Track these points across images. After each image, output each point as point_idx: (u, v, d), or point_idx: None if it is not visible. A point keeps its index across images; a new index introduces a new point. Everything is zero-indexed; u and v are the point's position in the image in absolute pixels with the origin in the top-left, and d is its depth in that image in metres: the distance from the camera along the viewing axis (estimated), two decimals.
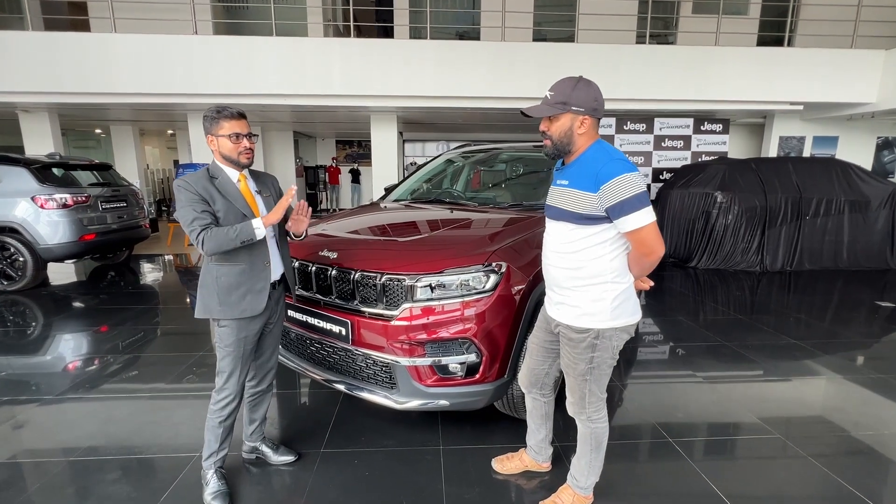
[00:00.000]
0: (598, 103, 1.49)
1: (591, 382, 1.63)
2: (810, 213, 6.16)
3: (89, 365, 3.19)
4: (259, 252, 1.77)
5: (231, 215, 1.72)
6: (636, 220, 1.42)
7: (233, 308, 1.74)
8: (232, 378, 1.80)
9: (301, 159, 13.14)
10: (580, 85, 1.48)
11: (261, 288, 1.77)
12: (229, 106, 1.73)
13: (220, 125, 1.70)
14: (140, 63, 6.82)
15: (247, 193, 1.79)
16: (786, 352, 3.49)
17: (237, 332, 1.76)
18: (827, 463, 2.13)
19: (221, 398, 1.81)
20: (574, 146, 1.53)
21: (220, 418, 1.82)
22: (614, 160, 1.45)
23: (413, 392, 1.99)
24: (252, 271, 1.76)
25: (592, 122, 1.51)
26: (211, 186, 1.71)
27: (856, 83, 7.62)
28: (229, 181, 1.76)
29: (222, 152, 1.73)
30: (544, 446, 2.01)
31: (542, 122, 1.55)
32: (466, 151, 3.73)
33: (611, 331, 1.56)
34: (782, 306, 4.72)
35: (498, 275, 2.00)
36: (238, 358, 1.79)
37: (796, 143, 9.22)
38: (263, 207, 1.84)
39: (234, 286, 1.73)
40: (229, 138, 1.70)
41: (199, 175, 1.73)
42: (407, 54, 7.07)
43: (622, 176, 1.41)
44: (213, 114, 1.70)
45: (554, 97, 1.50)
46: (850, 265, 6.20)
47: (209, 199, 1.68)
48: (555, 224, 1.62)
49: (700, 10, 9.26)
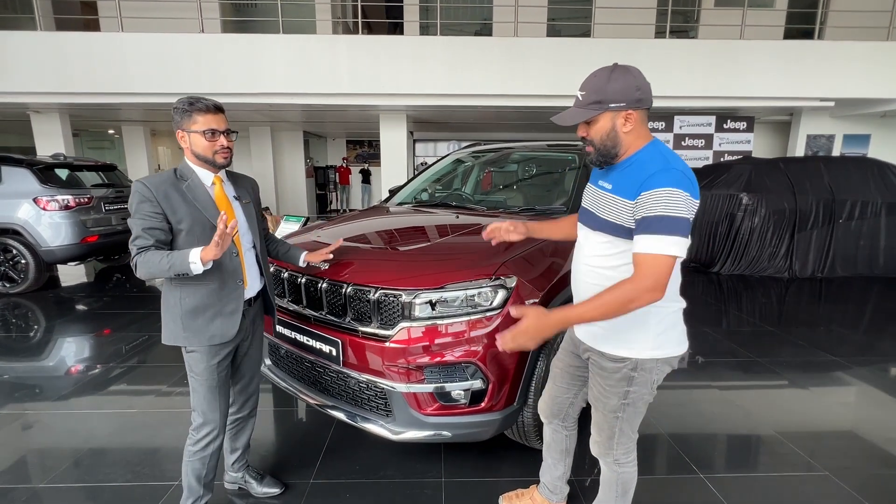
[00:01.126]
0: (641, 92, 1.23)
1: (623, 421, 1.39)
2: (844, 217, 5.78)
3: (92, 369, 3.05)
4: (232, 269, 1.54)
5: (198, 227, 1.48)
6: (656, 243, 1.14)
7: (199, 334, 1.51)
8: (211, 412, 1.58)
9: (311, 159, 13.05)
10: (615, 74, 1.22)
11: (232, 310, 1.54)
12: (203, 97, 1.50)
13: (192, 119, 1.47)
14: (148, 62, 6.75)
15: (222, 200, 1.55)
16: (822, 368, 3.19)
17: (207, 359, 1.54)
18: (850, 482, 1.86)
19: (202, 436, 1.59)
20: (622, 148, 1.27)
21: (203, 458, 1.60)
22: (669, 169, 1.18)
23: (411, 421, 1.77)
24: (222, 291, 1.52)
25: (639, 115, 1.25)
26: (175, 192, 1.47)
27: (891, 78, 7.18)
28: (201, 185, 1.52)
29: (195, 151, 1.50)
30: (560, 484, 1.77)
31: (580, 127, 1.30)
32: (476, 151, 3.50)
33: (651, 362, 1.32)
34: (817, 316, 4.38)
35: (507, 290, 1.77)
36: (213, 388, 1.57)
37: (825, 141, 8.76)
38: (242, 216, 1.61)
39: (201, 309, 1.50)
40: (203, 135, 1.48)
41: (163, 177, 1.49)
42: (417, 51, 6.87)
43: (668, 189, 1.14)
44: (185, 106, 1.47)
45: (587, 97, 1.25)
46: (887, 272, 5.80)
47: (168, 209, 1.44)
48: (589, 233, 1.38)
49: (723, 3, 8.86)
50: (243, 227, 1.61)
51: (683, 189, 1.15)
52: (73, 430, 2.38)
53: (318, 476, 2.01)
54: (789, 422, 2.50)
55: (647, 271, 1.15)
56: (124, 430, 2.38)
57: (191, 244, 1.44)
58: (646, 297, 1.16)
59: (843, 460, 2.15)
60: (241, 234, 1.59)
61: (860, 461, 2.16)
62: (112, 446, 2.24)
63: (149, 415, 2.53)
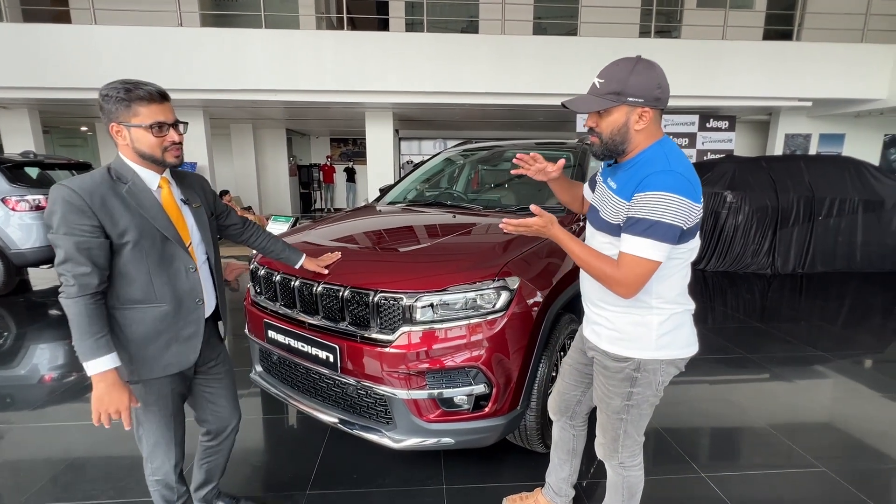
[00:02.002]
0: (661, 91, 1.19)
1: (628, 423, 1.36)
2: (823, 214, 5.93)
3: (68, 377, 2.90)
4: (189, 287, 1.31)
5: (147, 240, 1.23)
6: (636, 245, 1.14)
7: (151, 365, 1.28)
8: (158, 449, 1.37)
9: (294, 158, 12.81)
10: (639, 68, 1.18)
11: (191, 334, 1.33)
12: (143, 83, 1.22)
13: (132, 111, 1.19)
14: (124, 56, 6.51)
15: (170, 206, 1.30)
16: (806, 362, 3.24)
17: (159, 389, 1.32)
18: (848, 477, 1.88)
19: (156, 467, 1.41)
20: (629, 145, 1.23)
21: (168, 484, 1.43)
22: (668, 171, 1.14)
23: (412, 429, 1.71)
24: (179, 313, 1.30)
25: (654, 114, 1.21)
26: (113, 198, 1.19)
27: (866, 79, 7.42)
28: (145, 189, 1.26)
29: (139, 149, 1.23)
30: (565, 487, 1.74)
31: (590, 116, 1.26)
32: (468, 149, 3.45)
33: (655, 363, 1.29)
34: (799, 312, 4.48)
35: (510, 291, 1.73)
36: (168, 417, 1.35)
37: (802, 140, 9.00)
38: (194, 223, 1.37)
39: (152, 336, 1.27)
40: (150, 130, 1.21)
41: (96, 179, 1.20)
42: (403, 48, 6.79)
43: (661, 193, 1.11)
44: (121, 93, 1.18)
45: (605, 85, 1.19)
46: (863, 267, 5.97)
47: (107, 220, 1.17)
48: (595, 232, 1.34)
49: (705, 4, 9.00)
50: (195, 237, 1.37)
51: (679, 193, 1.12)
52: (50, 442, 2.25)
53: (315, 487, 1.94)
54: (781, 416, 2.53)
55: (625, 269, 1.17)
56: (106, 441, 2.25)
57: (138, 261, 1.23)
58: (615, 288, 1.20)
59: (836, 455, 2.17)
60: (195, 246, 1.36)
61: (852, 455, 2.19)
62: (93, 460, 2.12)
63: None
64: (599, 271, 1.21)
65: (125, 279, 1.24)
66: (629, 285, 1.17)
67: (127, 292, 1.25)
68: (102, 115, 1.23)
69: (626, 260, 1.16)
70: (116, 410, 1.18)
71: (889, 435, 2.37)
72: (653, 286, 1.23)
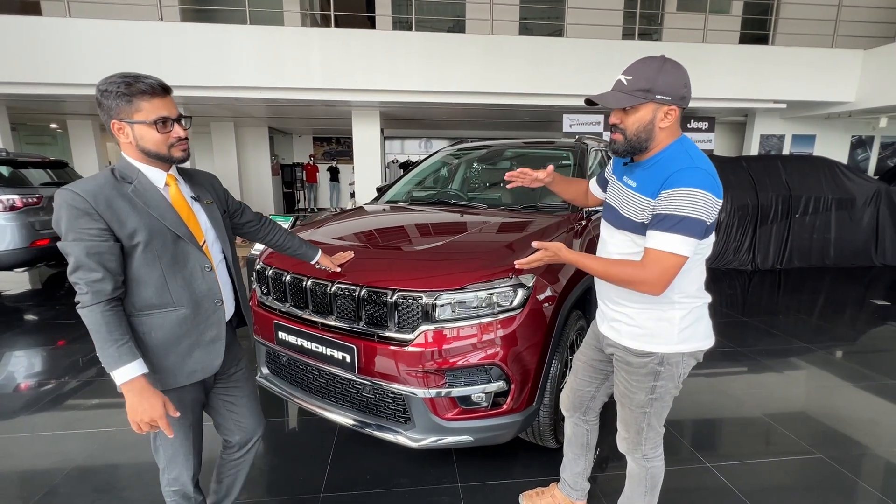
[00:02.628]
0: (687, 90, 1.23)
1: (651, 416, 1.39)
2: (799, 212, 6.17)
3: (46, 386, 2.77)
4: (206, 288, 1.26)
5: (158, 240, 1.18)
6: (665, 241, 1.16)
7: (176, 373, 1.24)
8: (177, 460, 1.33)
9: (276, 157, 12.58)
10: (667, 67, 1.21)
11: (213, 337, 1.28)
12: (144, 75, 1.16)
13: (135, 106, 1.14)
14: (102, 51, 6.26)
15: (180, 203, 1.25)
16: (791, 353, 3.37)
17: (179, 398, 1.26)
18: (837, 457, 1.97)
19: (169, 481, 1.37)
20: (653, 142, 1.26)
21: (185, 493, 1.39)
22: (693, 168, 1.18)
23: (431, 427, 1.71)
24: (198, 316, 1.25)
25: (678, 113, 1.24)
26: (119, 199, 1.14)
27: (835, 82, 7.73)
28: (151, 187, 1.20)
29: (143, 146, 1.18)
30: (581, 481, 1.76)
31: (614, 113, 1.28)
32: (467, 148, 3.45)
33: (677, 356, 1.32)
34: (780, 305, 4.65)
35: (527, 289, 1.74)
36: (189, 427, 1.32)
37: (776, 141, 9.34)
38: (207, 221, 1.32)
39: (173, 341, 1.22)
40: (154, 126, 1.16)
41: (99, 181, 1.15)
42: (391, 46, 6.74)
43: (688, 189, 1.14)
44: (121, 88, 1.12)
45: (633, 82, 1.22)
46: (836, 262, 6.24)
47: (115, 222, 1.12)
48: (613, 231, 1.36)
49: (684, 8, 9.25)
50: (210, 235, 1.33)
51: (705, 189, 1.15)
52: (45, 452, 2.15)
53: (328, 490, 1.91)
54: (775, 406, 2.62)
55: (653, 266, 1.18)
56: (103, 450, 2.17)
57: (151, 263, 1.18)
58: (642, 288, 1.21)
59: (829, 441, 2.27)
60: (209, 244, 1.31)
61: (843, 441, 2.29)
62: (93, 468, 2.04)
63: (127, 432, 2.33)
64: (625, 276, 1.22)
65: (139, 283, 1.19)
66: (659, 283, 1.18)
67: (142, 297, 1.19)
68: (101, 111, 1.16)
69: (655, 256, 1.18)
70: (152, 419, 1.13)
71: (875, 421, 2.48)
72: (675, 281, 1.26)
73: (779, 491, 1.94)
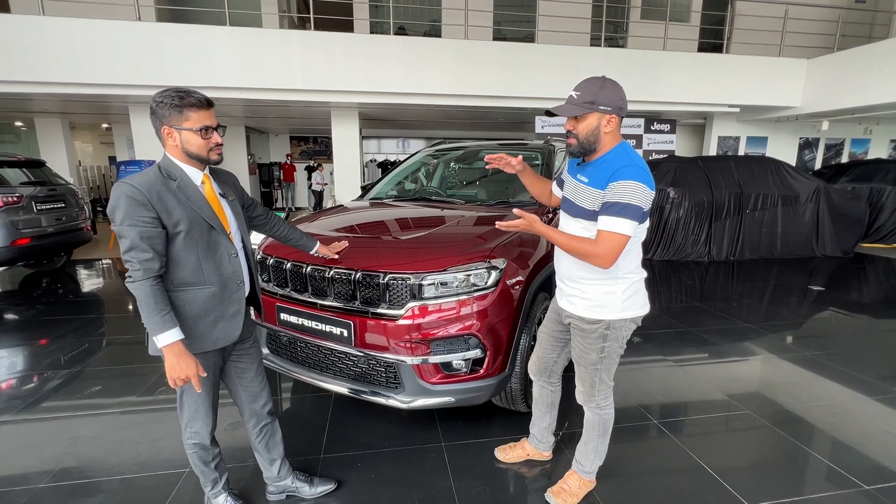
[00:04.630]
0: (623, 102, 1.54)
1: (602, 371, 1.71)
2: (750, 208, 6.71)
3: (37, 381, 2.90)
4: (231, 271, 1.51)
5: (197, 230, 1.41)
6: (613, 223, 1.45)
7: (203, 340, 1.47)
8: (198, 415, 1.57)
9: (253, 156, 12.57)
10: (607, 84, 1.52)
11: (234, 312, 1.53)
12: (193, 91, 1.40)
13: (184, 116, 1.37)
14: (75, 50, 6.24)
15: (213, 198, 1.49)
16: (741, 334, 3.80)
17: (205, 362, 1.49)
18: (792, 432, 2.36)
19: (195, 431, 1.60)
20: (600, 144, 1.57)
21: (203, 444, 1.63)
22: (633, 166, 1.49)
23: (419, 391, 1.98)
24: (224, 294, 1.49)
25: (618, 121, 1.56)
26: (167, 192, 1.37)
27: (783, 88, 8.39)
28: (191, 184, 1.44)
29: (188, 149, 1.41)
30: (547, 435, 2.08)
31: (568, 121, 1.58)
32: (445, 149, 3.74)
33: (621, 321, 1.64)
34: (733, 293, 5.13)
35: (499, 271, 2.04)
36: (206, 388, 1.54)
37: (732, 142, 10.01)
38: (231, 214, 1.56)
39: (202, 314, 1.46)
40: (199, 133, 1.40)
41: (150, 177, 1.37)
42: (371, 49, 6.96)
43: (630, 182, 1.45)
44: (175, 100, 1.36)
45: (581, 96, 1.53)
46: (783, 254, 6.82)
47: (163, 212, 1.35)
48: (569, 219, 1.67)
49: (648, 16, 9.79)
50: (233, 226, 1.55)
51: (643, 182, 1.47)
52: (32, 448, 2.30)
53: (328, 451, 2.16)
54: (724, 375, 3.00)
55: (603, 244, 1.48)
56: (106, 433, 2.35)
57: (190, 248, 1.41)
58: (595, 261, 1.51)
59: (784, 415, 2.55)
60: (233, 234, 1.53)
61: (779, 405, 2.67)
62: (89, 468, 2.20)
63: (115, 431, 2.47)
64: (582, 250, 1.52)
65: (179, 264, 1.43)
66: (608, 257, 1.48)
67: (180, 276, 1.43)
68: (154, 118, 1.40)
69: (604, 236, 1.48)
70: (186, 376, 1.37)
71: (796, 384, 2.90)
72: (619, 260, 1.57)
73: (724, 447, 2.30)
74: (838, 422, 2.48)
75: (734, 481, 1.99)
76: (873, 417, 2.53)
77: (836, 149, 10.73)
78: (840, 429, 2.42)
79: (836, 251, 6.92)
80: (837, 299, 4.89)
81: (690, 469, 2.09)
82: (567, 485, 1.87)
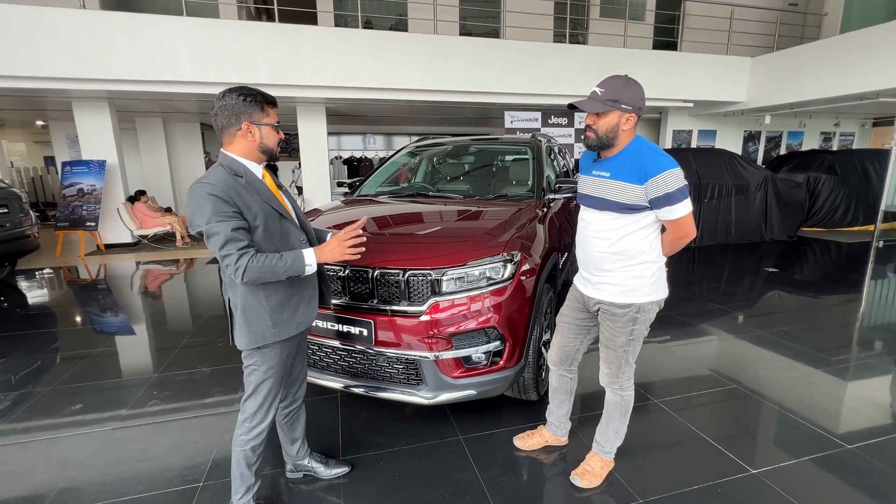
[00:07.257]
0: (643, 102, 1.61)
1: (629, 353, 1.79)
2: (707, 197, 7.16)
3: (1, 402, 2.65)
4: None
5: (271, 221, 1.47)
6: (679, 210, 1.58)
7: (288, 325, 1.54)
8: (262, 410, 1.59)
9: (209, 154, 11.94)
10: (630, 84, 1.59)
11: (310, 295, 1.61)
12: (262, 91, 1.47)
13: (265, 112, 1.45)
14: (12, 40, 5.67)
15: (275, 190, 1.56)
16: (713, 314, 4.07)
17: (281, 352, 1.56)
18: (776, 401, 2.57)
19: (255, 424, 1.60)
20: (618, 140, 1.64)
21: (255, 446, 1.61)
22: (659, 156, 1.58)
23: (441, 385, 1.99)
24: (300, 279, 1.55)
25: (636, 120, 1.63)
26: (241, 189, 1.42)
27: (730, 85, 8.95)
28: (257, 179, 1.49)
29: (266, 143, 1.47)
30: (564, 422, 2.14)
31: (589, 116, 1.64)
32: (434, 143, 3.73)
33: (649, 304, 1.72)
34: (695, 276, 5.46)
35: (514, 263, 2.07)
36: (280, 380, 1.60)
37: (686, 135, 10.58)
38: (290, 203, 1.63)
39: (285, 301, 1.53)
40: (274, 128, 1.48)
41: (221, 176, 1.40)
42: (338, 43, 6.78)
43: (669, 171, 1.55)
44: (256, 97, 1.43)
45: (605, 94, 1.58)
46: (736, 239, 7.33)
47: (244, 207, 1.40)
48: (595, 213, 1.73)
49: (606, 14, 10.14)
50: (294, 213, 1.62)
51: (676, 166, 1.57)
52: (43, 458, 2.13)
53: (346, 453, 2.13)
54: (713, 361, 3.20)
55: (685, 226, 1.63)
56: (100, 452, 2.20)
57: (266, 240, 1.45)
58: (692, 236, 1.68)
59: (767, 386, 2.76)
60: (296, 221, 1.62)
61: (751, 372, 2.90)
62: (89, 491, 2.07)
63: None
64: (681, 243, 1.70)
65: None
66: (692, 233, 1.66)
67: None
68: (229, 115, 1.42)
69: (682, 221, 1.61)
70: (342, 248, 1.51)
71: (748, 358, 3.15)
72: (646, 244, 1.65)
73: (719, 419, 2.47)
74: (814, 391, 2.72)
75: (736, 450, 2.14)
76: (845, 385, 2.80)
77: (775, 141, 11.61)
78: (815, 396, 2.66)
79: (783, 235, 7.51)
80: (789, 279, 5.33)
81: (693, 440, 2.23)
82: (590, 466, 1.94)
